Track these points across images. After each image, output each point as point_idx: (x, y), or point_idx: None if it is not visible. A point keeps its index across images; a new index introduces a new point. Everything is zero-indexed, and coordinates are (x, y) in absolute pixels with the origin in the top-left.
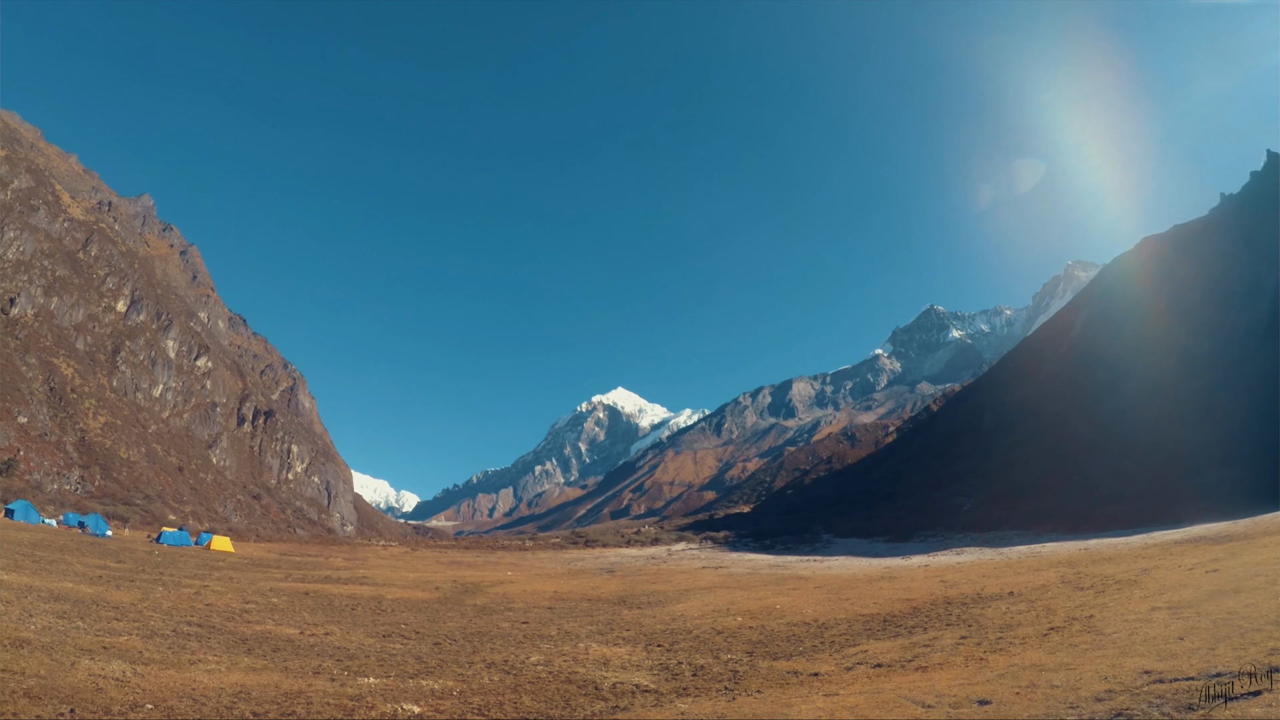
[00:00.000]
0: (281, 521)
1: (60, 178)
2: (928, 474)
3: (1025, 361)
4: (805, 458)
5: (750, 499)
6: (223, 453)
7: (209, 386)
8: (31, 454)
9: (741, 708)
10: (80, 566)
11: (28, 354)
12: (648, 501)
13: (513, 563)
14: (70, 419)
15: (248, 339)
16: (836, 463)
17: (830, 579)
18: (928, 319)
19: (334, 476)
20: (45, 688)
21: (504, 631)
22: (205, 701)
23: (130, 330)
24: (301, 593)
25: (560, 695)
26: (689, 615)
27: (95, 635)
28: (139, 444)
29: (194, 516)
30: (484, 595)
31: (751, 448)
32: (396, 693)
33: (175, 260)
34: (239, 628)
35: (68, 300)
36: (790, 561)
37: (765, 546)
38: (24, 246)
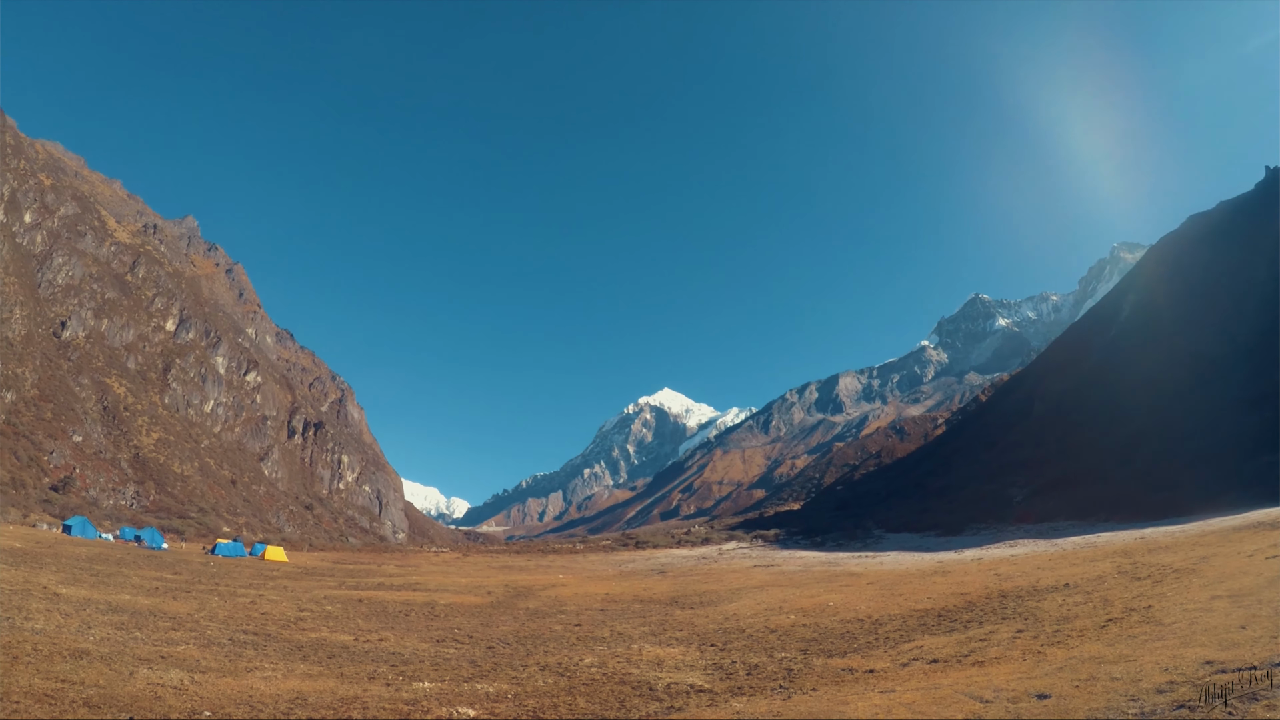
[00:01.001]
0: (334, 530)
1: (105, 203)
2: (978, 466)
3: (1073, 348)
4: (854, 453)
5: (800, 496)
6: (274, 465)
7: (259, 400)
8: (87, 471)
9: (797, 706)
10: (137, 579)
11: (81, 375)
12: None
13: (564, 566)
14: (124, 436)
15: (295, 352)
16: (886, 457)
17: (883, 574)
18: (973, 308)
19: (384, 485)
20: (105, 697)
21: (557, 634)
22: (262, 708)
23: (180, 348)
24: (355, 600)
25: (615, 696)
26: (742, 614)
27: (153, 645)
28: (192, 459)
29: (248, 528)
30: (536, 599)
31: (799, 444)
32: (451, 696)
33: (221, 278)
34: (294, 635)
35: (118, 321)
36: (842, 558)
37: (816, 543)
38: (73, 271)
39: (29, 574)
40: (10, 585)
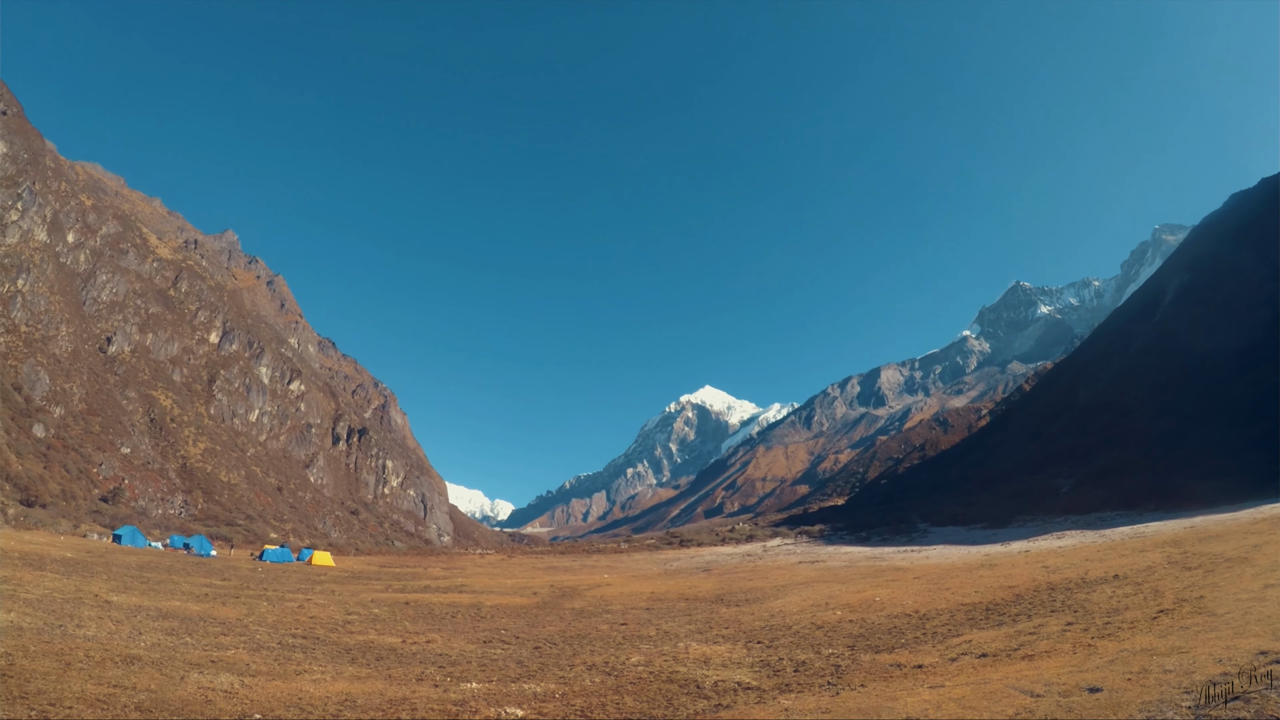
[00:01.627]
0: (380, 535)
1: (146, 221)
2: (1023, 456)
3: (1118, 333)
4: (897, 446)
5: (844, 491)
6: (320, 471)
7: (303, 409)
8: (136, 482)
9: (845, 702)
10: (187, 585)
11: (127, 388)
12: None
13: (609, 565)
14: (171, 447)
15: (337, 361)
16: (929, 450)
17: (929, 569)
18: (1014, 296)
19: (429, 489)
20: (156, 701)
21: (603, 633)
22: (311, 710)
23: (224, 360)
24: (402, 603)
25: (662, 695)
26: (788, 611)
27: (203, 650)
28: (238, 467)
29: (294, 534)
30: (582, 598)
31: (842, 439)
32: (499, 697)
33: (262, 290)
34: (342, 638)
35: (162, 335)
36: (887, 553)
37: (861, 538)
38: (117, 288)
39: (80, 583)
40: (62, 594)
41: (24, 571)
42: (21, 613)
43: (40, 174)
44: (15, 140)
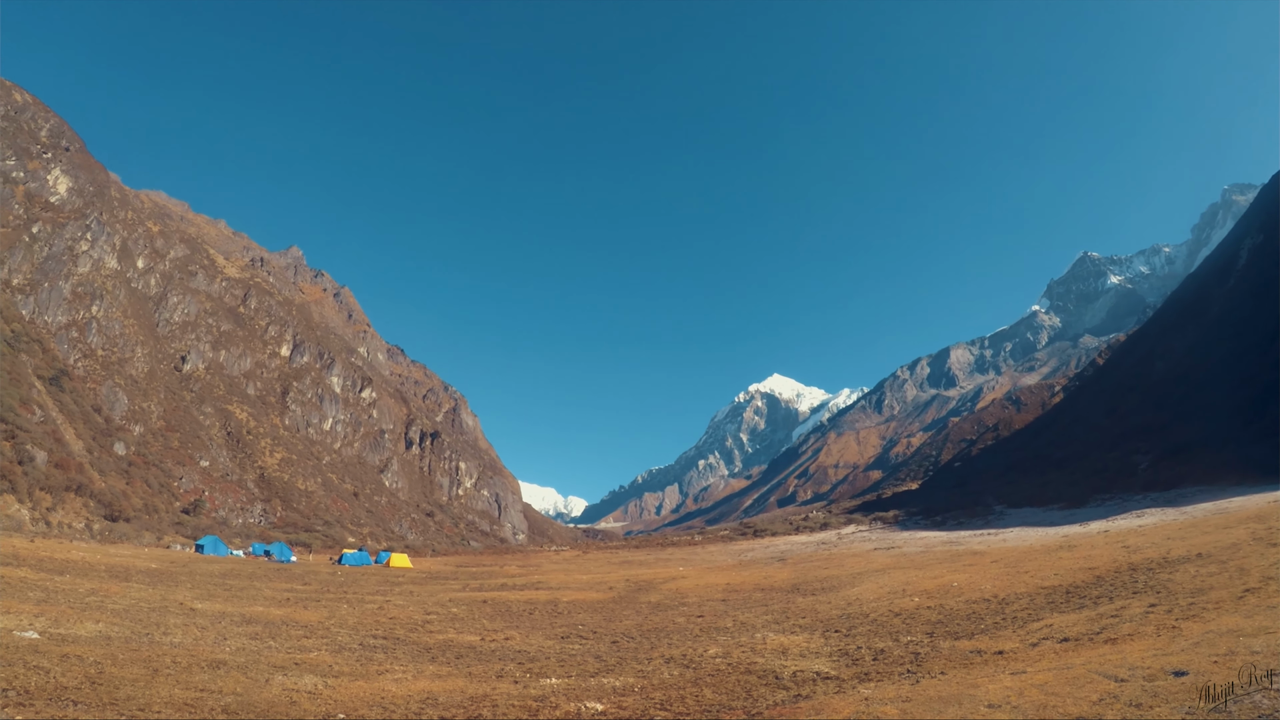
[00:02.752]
0: (455, 535)
1: (212, 242)
2: (1099, 433)
3: (1191, 301)
4: (970, 427)
5: (917, 475)
6: (394, 476)
7: (375, 415)
8: (216, 493)
9: (926, 690)
10: (269, 591)
11: (203, 404)
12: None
13: (683, 558)
14: (249, 458)
15: (407, 367)
16: (1003, 430)
17: (1006, 552)
18: (1082, 267)
19: (502, 489)
20: (242, 703)
21: (680, 626)
22: (394, 709)
23: (296, 372)
24: (480, 601)
25: (741, 686)
26: (864, 599)
27: (287, 653)
28: (315, 475)
29: (372, 537)
30: (657, 592)
31: (914, 422)
32: (579, 691)
33: (330, 303)
34: (422, 638)
35: (234, 352)
36: (963, 537)
37: (936, 523)
38: (188, 309)
39: (166, 592)
40: (148, 603)
41: (110, 583)
42: (109, 622)
43: (106, 204)
44: (80, 174)
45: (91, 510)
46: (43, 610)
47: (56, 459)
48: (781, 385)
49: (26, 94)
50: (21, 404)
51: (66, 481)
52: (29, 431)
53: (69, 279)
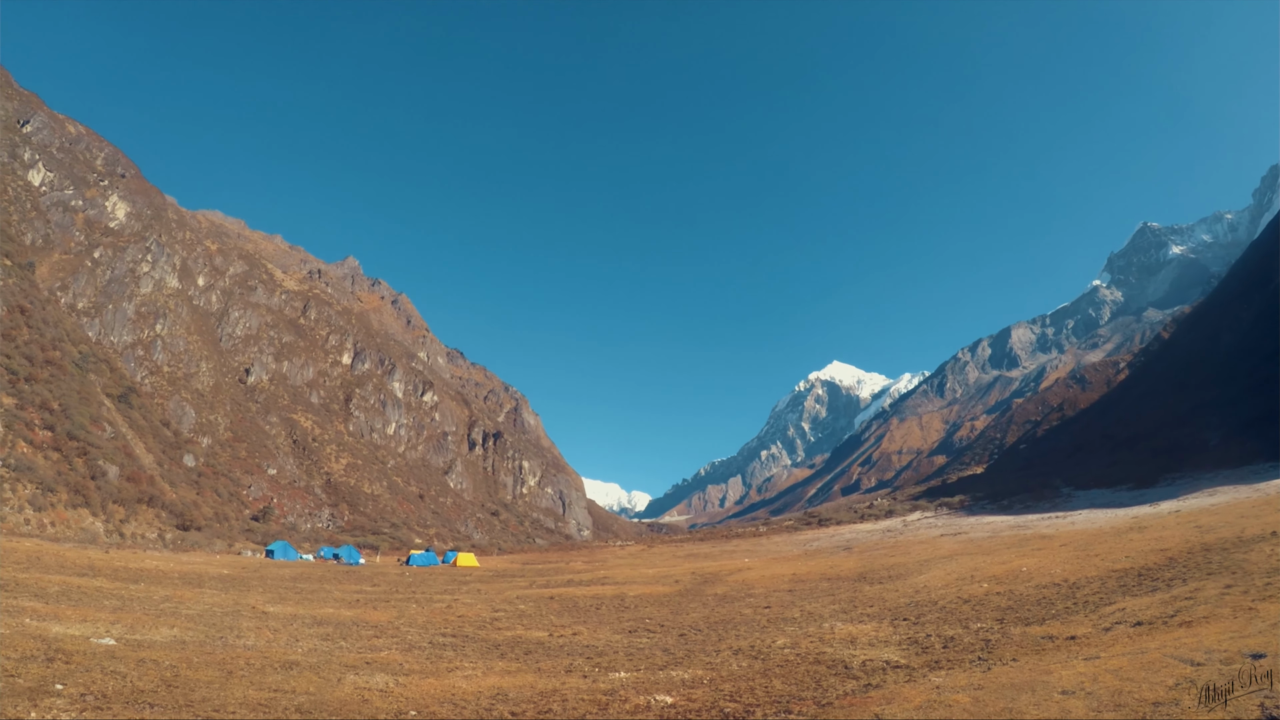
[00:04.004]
0: (521, 533)
1: (269, 258)
2: (1167, 410)
3: (1257, 269)
4: (1034, 408)
5: (982, 459)
6: (458, 476)
7: (438, 418)
8: (284, 500)
9: (998, 677)
10: (338, 593)
11: (269, 414)
12: (877, 473)
13: (748, 549)
14: (315, 465)
15: (467, 369)
16: (1068, 409)
17: (1075, 535)
18: (1143, 238)
19: (566, 486)
20: (315, 702)
21: (747, 618)
22: (465, 705)
23: (358, 379)
24: (546, 597)
25: (810, 676)
26: (932, 586)
27: (358, 652)
28: (380, 479)
29: (438, 538)
30: (723, 584)
31: (977, 405)
32: (648, 685)
33: (388, 310)
34: (491, 635)
35: (297, 362)
36: (1031, 520)
37: (1003, 507)
38: (250, 323)
39: (238, 596)
40: (221, 608)
41: (184, 590)
42: (184, 627)
43: (164, 226)
44: (137, 199)
45: (164, 520)
46: (119, 617)
47: (128, 473)
48: (842, 372)
49: (80, 125)
50: (92, 422)
51: (138, 494)
52: (100, 448)
53: (132, 300)
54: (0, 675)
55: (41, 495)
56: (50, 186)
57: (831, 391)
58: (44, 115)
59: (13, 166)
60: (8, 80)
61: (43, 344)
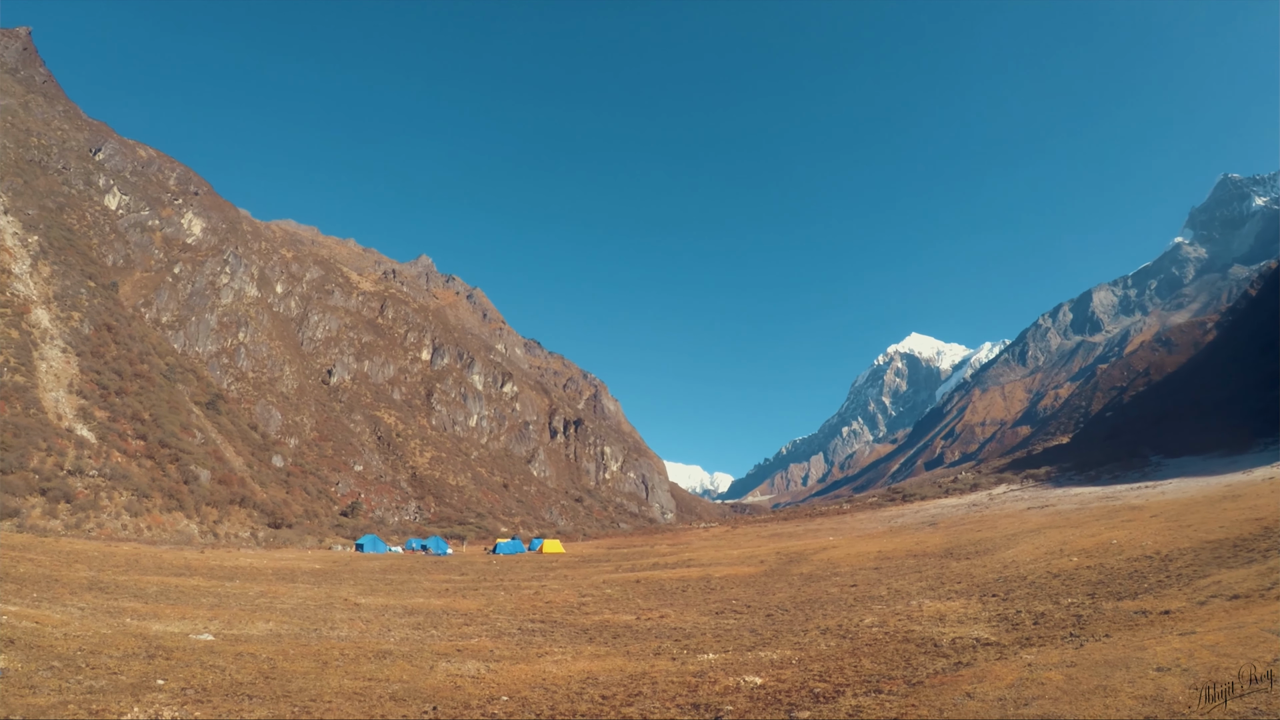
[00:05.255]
0: (604, 518)
1: (344, 261)
2: (1258, 372)
3: None
4: (1120, 374)
5: (1067, 428)
6: (541, 465)
7: (518, 408)
8: (371, 495)
9: (1091, 654)
10: (428, 583)
11: (353, 413)
12: (960, 446)
13: (832, 528)
14: (400, 459)
15: (545, 359)
16: (1154, 374)
17: (1166, 505)
18: (1224, 191)
19: (648, 470)
20: (409, 690)
21: (833, 597)
22: (555, 689)
23: (438, 374)
24: (633, 581)
25: (900, 655)
26: (1020, 561)
27: (449, 640)
28: (464, 470)
29: (524, 526)
30: (808, 563)
31: (1060, 372)
32: (737, 666)
33: (464, 305)
34: (578, 620)
35: (377, 361)
36: (1120, 491)
37: (1090, 478)
38: (329, 325)
39: (330, 589)
40: (314, 601)
41: (278, 585)
42: (280, 621)
43: (240, 239)
44: (211, 214)
45: (255, 519)
46: (216, 614)
47: (219, 476)
48: (921, 344)
49: (150, 149)
50: (182, 429)
51: (230, 495)
52: (191, 453)
53: (214, 311)
54: (104, 673)
55: (137, 501)
56: (126, 209)
57: (911, 364)
58: (115, 142)
59: (89, 193)
60: (76, 112)
61: (131, 358)
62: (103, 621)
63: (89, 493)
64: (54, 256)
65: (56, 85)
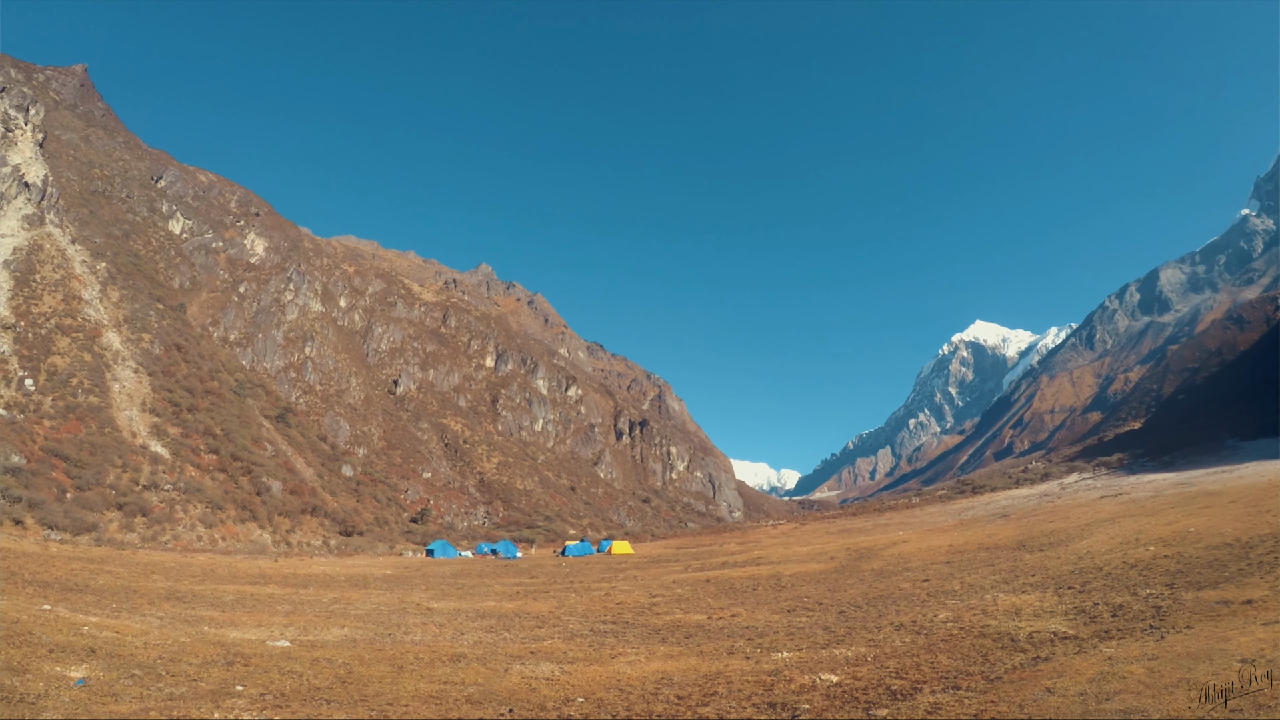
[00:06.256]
0: (672, 518)
1: (405, 273)
2: None
3: None
4: (1191, 354)
5: (1139, 413)
6: (608, 466)
7: (583, 411)
8: (440, 501)
9: (1172, 646)
10: (499, 586)
11: (420, 421)
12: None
13: (902, 522)
14: (467, 465)
15: (608, 361)
16: (1227, 353)
17: (1244, 490)
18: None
19: (714, 468)
20: (484, 693)
21: (906, 592)
22: (630, 690)
23: (502, 380)
24: (702, 580)
25: (976, 651)
26: (1095, 551)
27: (521, 643)
28: (531, 474)
29: (592, 527)
30: (879, 559)
31: (1129, 355)
32: (811, 664)
33: (525, 311)
34: (650, 620)
35: (442, 369)
36: (1195, 476)
37: (1164, 464)
38: (393, 336)
39: (403, 595)
40: (388, 606)
41: (351, 591)
42: (354, 626)
43: (302, 256)
44: (273, 234)
45: (327, 528)
46: (291, 620)
47: (291, 486)
48: (985, 331)
49: (210, 174)
50: (254, 442)
51: (302, 505)
52: (263, 465)
53: (280, 327)
54: (184, 680)
55: (211, 513)
56: (190, 233)
57: (976, 352)
58: (175, 169)
59: (153, 219)
60: (136, 142)
61: (201, 376)
62: (181, 630)
63: (164, 506)
64: (122, 281)
65: (115, 118)
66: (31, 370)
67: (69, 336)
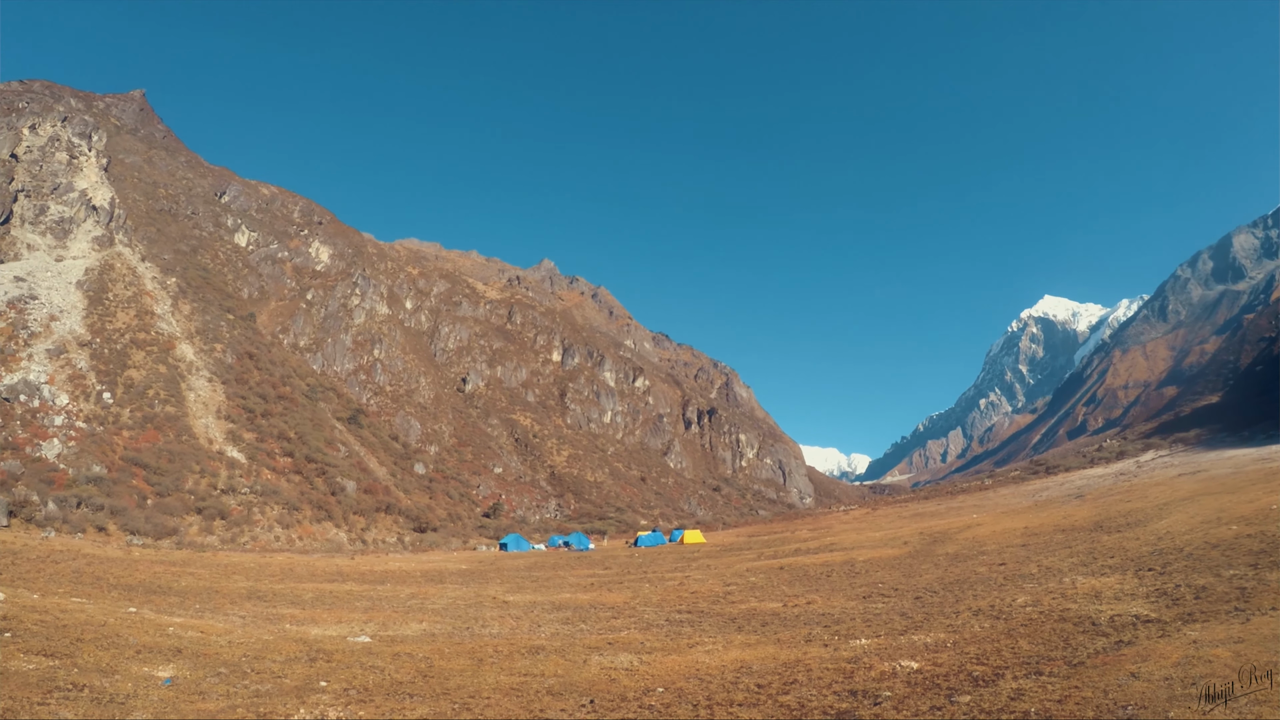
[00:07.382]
0: (743, 506)
1: (469, 273)
2: None
3: None
4: (1268, 323)
5: (1216, 386)
6: (677, 456)
7: (651, 402)
8: (511, 495)
9: (1259, 628)
10: (573, 578)
11: (489, 417)
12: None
13: (975, 504)
14: (538, 459)
15: (674, 351)
16: None
17: None
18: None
19: (784, 455)
20: (564, 684)
21: (982, 576)
22: (710, 679)
23: (570, 374)
24: (776, 568)
25: (1057, 635)
26: (1175, 531)
27: (599, 634)
28: (601, 466)
29: (663, 518)
30: (953, 543)
31: (1204, 326)
32: (890, 651)
33: (589, 304)
34: (725, 609)
35: (509, 365)
36: (1277, 451)
37: (1244, 439)
38: (459, 335)
39: (479, 588)
40: (464, 600)
41: (428, 586)
42: (432, 621)
43: (366, 261)
44: (337, 241)
45: (401, 525)
46: (371, 617)
47: (365, 486)
48: (1054, 306)
49: (271, 186)
50: (327, 444)
51: (376, 504)
52: (337, 466)
53: (348, 331)
54: (268, 677)
55: (288, 514)
56: (256, 244)
57: (1046, 328)
58: (238, 184)
59: (219, 234)
60: (198, 161)
61: (273, 382)
62: (263, 628)
63: (242, 509)
64: (192, 295)
65: (175, 139)
66: (109, 384)
67: (144, 350)
